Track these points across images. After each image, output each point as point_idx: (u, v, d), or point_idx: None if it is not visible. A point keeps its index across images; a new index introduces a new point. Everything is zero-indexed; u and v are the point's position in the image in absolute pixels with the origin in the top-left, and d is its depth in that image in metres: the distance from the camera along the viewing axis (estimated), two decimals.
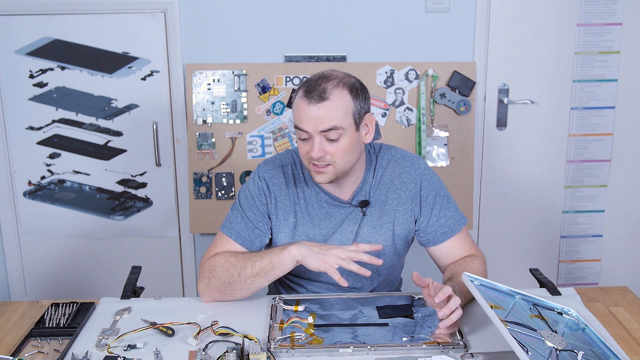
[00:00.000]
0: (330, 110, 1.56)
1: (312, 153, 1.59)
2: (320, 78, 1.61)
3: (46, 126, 2.86)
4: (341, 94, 1.58)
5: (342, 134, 1.59)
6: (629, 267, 3.11)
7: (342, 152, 1.60)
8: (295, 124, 1.61)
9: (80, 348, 1.46)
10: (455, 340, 1.46)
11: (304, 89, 1.60)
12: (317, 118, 1.56)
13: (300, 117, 1.59)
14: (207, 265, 1.68)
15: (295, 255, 1.59)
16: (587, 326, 1.48)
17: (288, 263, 1.60)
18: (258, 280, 1.63)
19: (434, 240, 1.77)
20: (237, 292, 1.65)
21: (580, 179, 3.02)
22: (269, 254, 1.63)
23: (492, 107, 2.92)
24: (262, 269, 1.62)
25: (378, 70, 2.81)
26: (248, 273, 1.62)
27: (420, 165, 1.77)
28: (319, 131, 1.57)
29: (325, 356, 1.42)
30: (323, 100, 1.57)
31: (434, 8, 2.79)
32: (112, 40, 2.78)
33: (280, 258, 1.61)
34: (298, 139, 1.64)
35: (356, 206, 1.73)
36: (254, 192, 1.75)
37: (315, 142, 1.58)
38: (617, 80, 2.91)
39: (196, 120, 2.80)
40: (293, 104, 1.64)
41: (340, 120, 1.58)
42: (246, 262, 1.63)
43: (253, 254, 1.66)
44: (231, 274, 1.63)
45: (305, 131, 1.59)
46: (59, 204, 2.93)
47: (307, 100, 1.57)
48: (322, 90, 1.57)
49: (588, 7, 2.84)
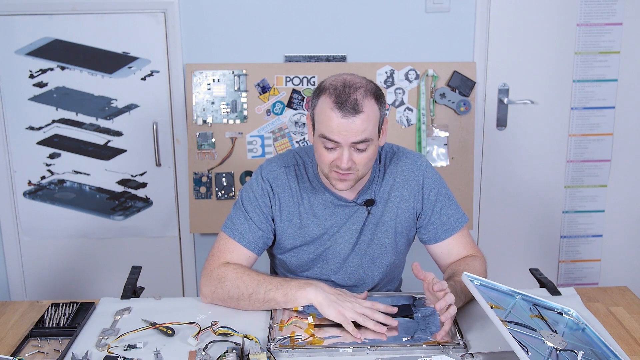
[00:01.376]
0: (364, 123, 1.54)
1: (342, 164, 1.56)
2: (346, 87, 1.55)
3: (46, 126, 2.86)
4: (370, 104, 1.56)
5: (369, 144, 1.58)
6: (629, 267, 3.11)
7: (367, 161, 1.60)
8: (323, 134, 1.57)
9: (80, 348, 1.46)
10: (455, 340, 1.46)
11: (333, 99, 1.54)
12: (350, 130, 1.54)
13: (331, 128, 1.55)
14: (216, 273, 1.65)
15: (312, 300, 1.55)
16: (587, 326, 1.48)
17: (301, 302, 1.57)
18: (266, 306, 1.60)
19: (435, 237, 1.77)
20: (242, 307, 1.63)
21: (580, 179, 3.02)
22: (285, 287, 1.58)
23: (492, 107, 2.92)
24: (274, 299, 1.59)
25: (378, 70, 2.81)
26: (259, 298, 1.60)
27: (423, 163, 1.78)
28: (350, 142, 1.55)
29: (325, 356, 1.42)
30: (358, 113, 1.53)
31: (434, 8, 2.79)
32: (112, 40, 2.78)
33: (295, 296, 1.57)
34: (321, 146, 1.59)
35: (361, 205, 1.73)
36: (258, 193, 1.73)
37: (344, 152, 1.56)
38: (617, 80, 2.92)
39: (196, 120, 2.80)
40: (317, 110, 1.59)
41: (370, 132, 1.56)
42: (259, 287, 1.60)
43: (267, 279, 1.62)
44: (242, 292, 1.61)
45: (335, 141, 1.56)
46: (59, 204, 2.93)
47: (341, 112, 1.53)
48: (355, 102, 1.53)
49: (588, 7, 2.84)
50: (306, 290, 1.56)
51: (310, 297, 1.55)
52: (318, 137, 1.59)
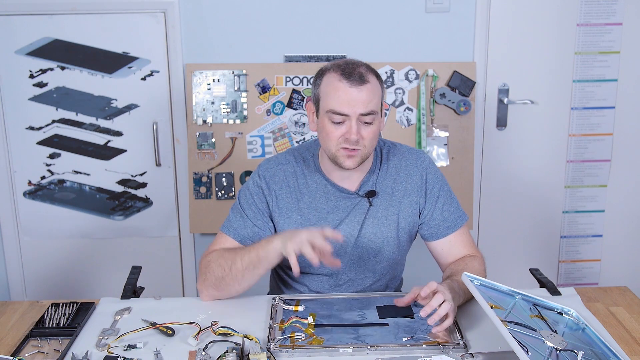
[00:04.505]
0: (370, 93, 1.60)
1: (352, 136, 1.59)
2: (349, 63, 1.62)
3: (46, 126, 2.86)
4: (373, 79, 1.62)
5: (375, 118, 1.62)
6: (629, 267, 3.11)
7: (373, 137, 1.64)
8: (332, 108, 1.60)
9: (80, 348, 1.46)
10: (455, 340, 1.46)
11: (339, 72, 1.60)
12: (359, 100, 1.58)
13: (340, 99, 1.59)
14: (204, 262, 1.70)
15: (277, 247, 1.58)
16: (587, 326, 1.48)
17: (273, 257, 1.59)
18: (248, 274, 1.62)
19: (436, 234, 1.78)
20: (231, 287, 1.65)
21: (580, 179, 3.02)
22: (256, 247, 1.63)
23: (492, 107, 2.92)
24: (250, 262, 1.62)
25: (378, 70, 2.80)
26: (238, 267, 1.63)
27: (426, 159, 1.80)
28: (358, 114, 1.59)
29: (325, 356, 1.42)
30: (364, 83, 1.59)
31: (434, 8, 2.79)
32: (112, 40, 2.78)
33: (265, 251, 1.60)
34: (329, 123, 1.62)
35: (363, 196, 1.74)
36: (254, 190, 1.76)
37: (353, 124, 1.59)
38: (617, 80, 2.91)
39: (196, 120, 2.80)
40: (322, 89, 1.63)
41: (376, 104, 1.62)
42: (236, 257, 1.64)
43: (243, 248, 1.67)
44: (223, 268, 1.64)
45: (344, 114, 1.59)
46: (59, 204, 2.93)
47: (349, 82, 1.58)
48: (361, 74, 1.59)
49: (588, 7, 2.84)
50: (273, 242, 1.59)
51: (277, 246, 1.57)
52: (325, 114, 1.63)
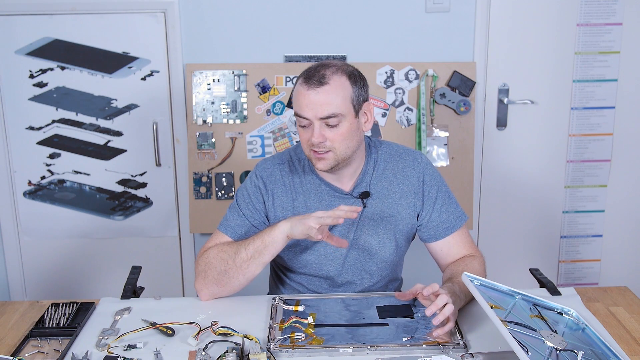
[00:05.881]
0: (330, 95, 1.58)
1: (312, 138, 1.60)
2: (319, 66, 1.63)
3: (46, 126, 2.86)
4: (340, 79, 1.60)
5: (341, 120, 1.60)
6: (629, 267, 3.11)
7: (342, 138, 1.62)
8: (295, 112, 1.63)
9: (80, 348, 1.46)
10: (455, 340, 1.46)
11: (303, 76, 1.62)
12: (317, 103, 1.58)
13: (300, 103, 1.61)
14: (202, 259, 1.70)
15: (285, 230, 1.61)
16: (587, 326, 1.48)
17: (280, 240, 1.62)
18: (253, 263, 1.64)
19: (435, 235, 1.78)
20: (234, 279, 1.66)
21: (580, 179, 3.02)
22: (261, 235, 1.65)
23: (492, 107, 2.92)
24: (255, 250, 1.63)
25: (378, 70, 2.81)
26: (243, 257, 1.64)
27: (423, 160, 1.79)
28: (318, 118, 1.59)
29: (325, 356, 1.42)
30: (322, 85, 1.58)
31: (434, 8, 2.79)
32: (112, 40, 2.78)
33: (271, 236, 1.62)
34: (298, 127, 1.65)
35: (357, 197, 1.74)
36: (251, 189, 1.77)
37: (315, 127, 1.60)
38: (617, 80, 2.91)
39: (196, 120, 2.80)
40: (293, 93, 1.66)
41: (339, 106, 1.59)
42: (240, 247, 1.66)
43: (244, 240, 1.68)
44: (226, 261, 1.65)
45: (305, 118, 1.60)
46: (59, 204, 2.93)
47: (307, 85, 1.59)
48: (322, 76, 1.59)
49: (588, 7, 2.84)
50: (278, 225, 1.62)
51: (283, 229, 1.61)
52: (294, 119, 1.66)
